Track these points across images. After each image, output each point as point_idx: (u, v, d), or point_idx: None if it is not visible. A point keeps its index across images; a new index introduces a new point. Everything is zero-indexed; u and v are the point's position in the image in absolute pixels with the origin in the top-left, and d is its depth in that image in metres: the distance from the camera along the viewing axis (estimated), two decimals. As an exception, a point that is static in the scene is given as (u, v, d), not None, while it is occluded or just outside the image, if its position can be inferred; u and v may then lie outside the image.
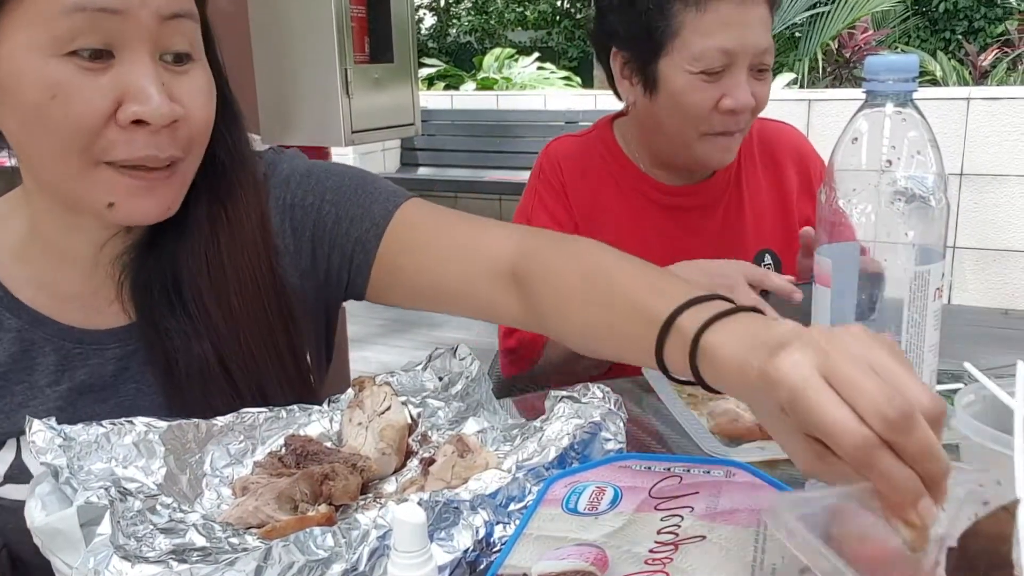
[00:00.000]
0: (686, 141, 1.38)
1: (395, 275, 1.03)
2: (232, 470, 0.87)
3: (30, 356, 0.91)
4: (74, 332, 0.93)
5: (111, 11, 0.78)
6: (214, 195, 0.96)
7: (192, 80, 0.86)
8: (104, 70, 0.80)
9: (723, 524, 0.67)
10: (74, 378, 0.93)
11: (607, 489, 0.74)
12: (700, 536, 0.66)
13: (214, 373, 0.94)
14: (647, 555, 0.64)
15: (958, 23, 10.58)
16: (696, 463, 0.78)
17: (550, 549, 0.66)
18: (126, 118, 0.80)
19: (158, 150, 0.83)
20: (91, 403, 0.93)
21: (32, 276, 0.93)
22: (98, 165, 0.82)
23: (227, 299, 0.95)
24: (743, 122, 1.35)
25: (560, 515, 0.71)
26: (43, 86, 0.78)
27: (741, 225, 1.48)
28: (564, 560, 0.64)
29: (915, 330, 0.79)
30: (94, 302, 0.95)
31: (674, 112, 1.38)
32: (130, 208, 0.85)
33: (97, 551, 0.63)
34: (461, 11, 14.14)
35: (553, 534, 0.68)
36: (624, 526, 0.68)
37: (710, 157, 1.38)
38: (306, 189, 1.04)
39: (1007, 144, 4.38)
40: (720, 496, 0.71)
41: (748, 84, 1.32)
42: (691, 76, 1.33)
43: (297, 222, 1.03)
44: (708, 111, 1.33)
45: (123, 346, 0.95)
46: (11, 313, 0.91)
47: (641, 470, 0.77)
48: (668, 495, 0.72)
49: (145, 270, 0.95)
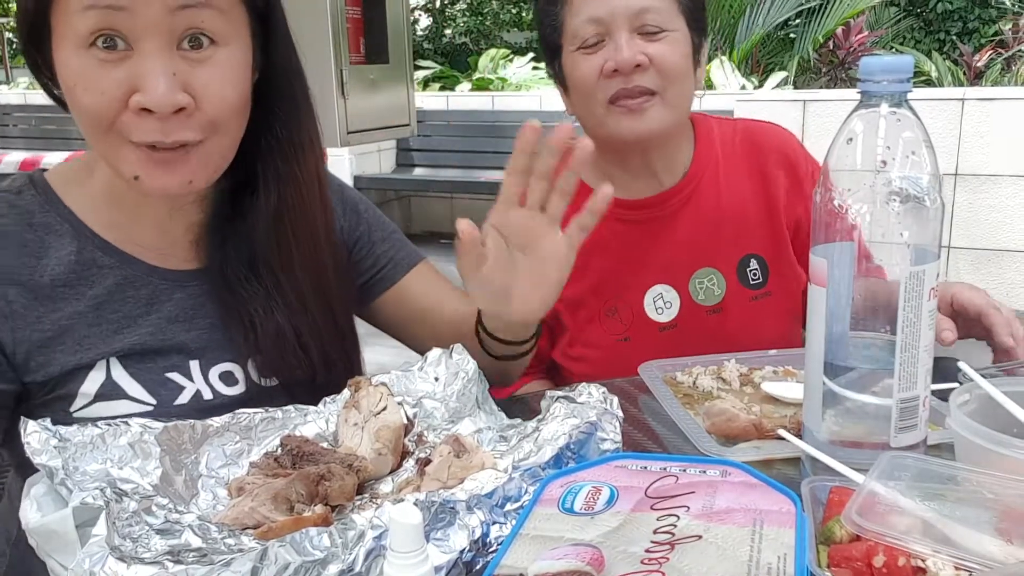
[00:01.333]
0: (597, 120, 1.37)
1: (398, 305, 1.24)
2: (228, 471, 0.87)
3: (123, 290, 1.02)
4: (159, 271, 1.05)
5: (117, 7, 0.86)
6: (279, 176, 1.06)
7: (213, 67, 0.92)
8: (120, 61, 0.88)
9: (719, 523, 0.67)
10: (162, 310, 1.04)
11: (603, 489, 0.74)
12: (696, 536, 0.66)
13: (283, 334, 1.05)
14: (643, 555, 0.64)
15: (952, 24, 10.60)
16: (692, 463, 0.78)
17: (546, 549, 0.66)
18: (134, 106, 0.89)
19: (164, 135, 0.91)
20: (178, 331, 1.04)
21: (116, 222, 1.04)
22: (125, 142, 0.92)
23: (292, 274, 1.08)
24: (641, 81, 1.32)
25: (556, 515, 0.71)
26: (71, 75, 0.90)
27: (718, 230, 1.45)
28: (560, 560, 0.64)
29: (910, 330, 0.80)
30: (172, 251, 1.07)
31: (576, 96, 1.40)
32: (151, 181, 0.94)
33: (93, 552, 0.63)
34: (456, 12, 14.15)
35: (549, 534, 0.68)
36: (620, 526, 0.69)
37: (620, 127, 1.35)
38: (364, 207, 1.26)
39: (1002, 145, 4.39)
40: (716, 496, 0.71)
41: (633, 44, 1.31)
42: (575, 54, 1.36)
43: (352, 224, 1.22)
44: (596, 79, 1.33)
45: (200, 284, 1.07)
46: (104, 253, 1.02)
47: (637, 470, 0.77)
48: (664, 495, 0.72)
49: (219, 237, 1.07)
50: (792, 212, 1.47)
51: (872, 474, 0.74)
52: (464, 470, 0.81)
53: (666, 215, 1.45)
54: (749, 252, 1.46)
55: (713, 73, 6.91)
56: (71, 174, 1.06)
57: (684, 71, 1.35)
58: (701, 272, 1.44)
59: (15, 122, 7.83)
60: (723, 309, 1.44)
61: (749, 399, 1.11)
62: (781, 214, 1.46)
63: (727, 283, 1.44)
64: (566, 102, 1.46)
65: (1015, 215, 4.47)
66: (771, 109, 4.79)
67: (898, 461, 0.76)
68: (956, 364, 1.02)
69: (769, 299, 1.45)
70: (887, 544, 0.66)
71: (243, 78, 0.96)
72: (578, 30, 1.34)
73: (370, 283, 1.24)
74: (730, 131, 1.51)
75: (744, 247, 1.45)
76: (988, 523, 0.69)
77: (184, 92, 0.90)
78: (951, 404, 0.84)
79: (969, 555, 0.64)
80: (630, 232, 1.45)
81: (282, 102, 1.05)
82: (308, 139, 1.08)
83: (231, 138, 0.98)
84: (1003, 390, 0.86)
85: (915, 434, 0.83)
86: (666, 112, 1.35)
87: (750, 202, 1.46)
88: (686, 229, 1.44)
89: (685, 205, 1.45)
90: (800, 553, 0.63)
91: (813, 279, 0.85)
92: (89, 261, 1.01)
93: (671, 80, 1.33)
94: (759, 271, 1.46)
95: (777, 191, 1.46)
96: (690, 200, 1.45)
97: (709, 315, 1.44)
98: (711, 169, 1.46)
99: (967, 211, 4.53)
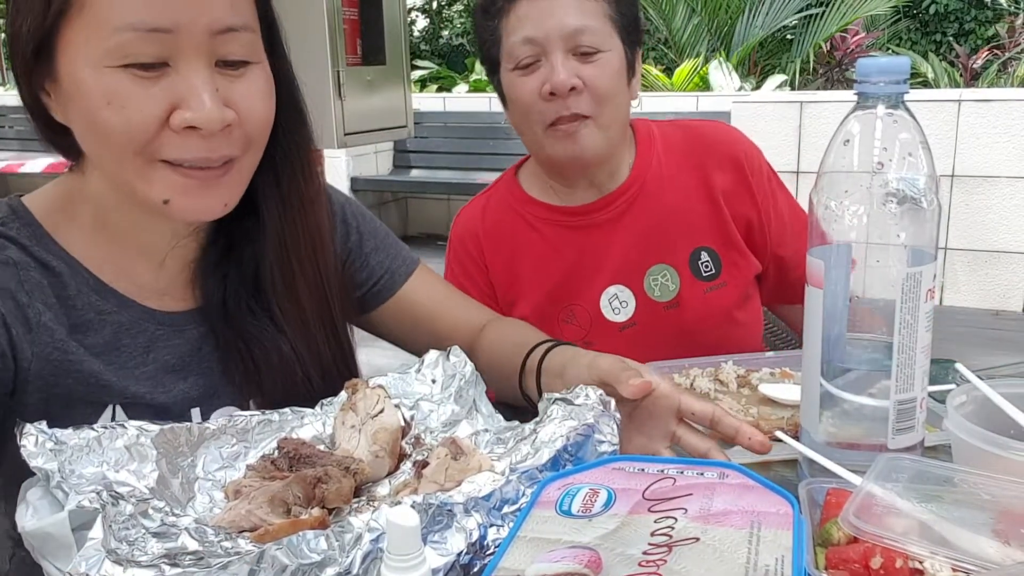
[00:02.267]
0: (537, 141, 1.39)
1: (398, 314, 1.22)
2: (224, 473, 0.87)
3: (119, 338, 0.96)
4: (156, 315, 0.99)
5: (163, 30, 0.83)
6: (282, 197, 1.03)
7: (248, 83, 0.90)
8: (158, 78, 0.84)
9: (716, 526, 0.67)
10: (160, 359, 0.99)
11: (601, 491, 0.74)
12: (694, 538, 0.66)
13: (290, 366, 1.02)
14: (641, 557, 0.64)
15: (949, 25, 10.63)
16: (689, 465, 0.78)
17: (544, 551, 0.66)
18: (179, 124, 0.85)
19: (210, 151, 0.88)
20: (176, 380, 0.99)
21: (110, 258, 0.98)
22: (155, 163, 0.87)
23: (297, 299, 1.04)
24: (576, 106, 1.32)
25: (554, 517, 0.71)
26: (99, 94, 0.83)
27: (667, 227, 1.46)
28: (558, 563, 0.64)
29: (907, 331, 0.80)
30: (169, 289, 1.01)
31: (516, 115, 1.41)
32: (185, 205, 0.90)
33: (89, 555, 0.62)
34: (453, 13, 14.15)
35: (547, 536, 0.68)
36: (618, 528, 0.68)
37: (558, 151, 1.36)
38: (352, 213, 1.20)
39: (998, 146, 4.40)
40: (714, 498, 0.71)
41: (569, 67, 1.32)
42: (512, 74, 1.37)
43: (343, 235, 1.17)
44: (534, 100, 1.34)
45: (199, 326, 1.02)
46: (100, 297, 0.96)
47: (635, 472, 0.77)
48: (662, 497, 0.72)
49: (219, 271, 1.02)
50: (739, 209, 1.47)
51: (869, 476, 0.74)
52: (461, 472, 0.81)
53: (613, 217, 1.47)
54: (699, 245, 1.47)
55: (711, 74, 6.92)
56: (55, 204, 0.98)
57: (617, 91, 1.37)
58: (654, 269, 1.46)
59: (11, 124, 7.82)
60: (679, 303, 1.45)
61: (746, 401, 1.11)
62: (723, 206, 1.46)
63: (680, 278, 1.46)
64: (507, 114, 1.47)
65: (1011, 216, 4.47)
66: (768, 111, 4.79)
67: (895, 463, 0.76)
68: (953, 366, 1.02)
69: (724, 289, 1.47)
70: (884, 546, 0.66)
71: (273, 91, 0.95)
72: (514, 50, 1.35)
73: (367, 296, 1.21)
74: (671, 129, 1.53)
75: (693, 240, 1.47)
76: (985, 525, 0.69)
77: (228, 108, 0.88)
78: (948, 406, 0.84)
79: (966, 556, 0.64)
80: (578, 237, 1.47)
81: (285, 116, 1.00)
82: (308, 156, 1.05)
83: (259, 155, 0.96)
84: (1000, 392, 0.87)
85: (912, 436, 0.83)
86: (599, 134, 1.36)
87: (694, 196, 1.47)
88: (634, 229, 1.46)
89: (631, 206, 1.47)
90: (797, 555, 0.63)
91: (810, 281, 0.85)
92: (87, 306, 0.95)
93: (604, 103, 1.35)
94: (711, 263, 1.47)
95: (715, 184, 1.47)
96: (635, 200, 1.47)
97: (666, 311, 1.45)
98: (654, 168, 1.48)
99: (964, 212, 4.54)
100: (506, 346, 1.14)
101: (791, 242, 1.50)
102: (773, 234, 1.49)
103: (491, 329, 1.21)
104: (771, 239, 1.49)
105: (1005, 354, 3.74)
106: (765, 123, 4.75)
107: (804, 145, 4.68)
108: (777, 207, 1.50)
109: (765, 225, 1.48)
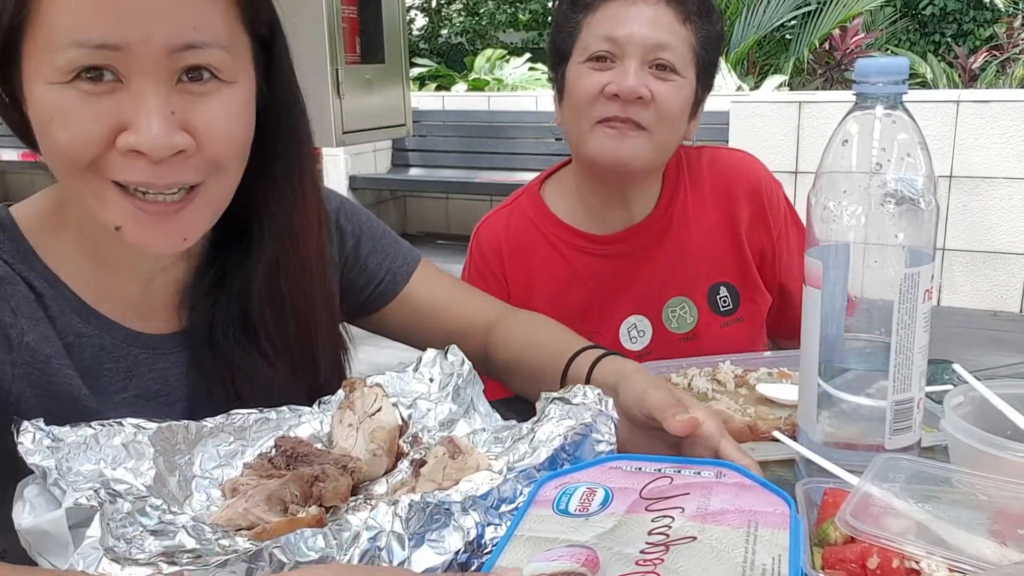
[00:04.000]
0: (581, 136, 1.37)
1: (404, 314, 1.19)
2: (222, 471, 0.87)
3: (100, 362, 0.92)
4: (140, 338, 0.95)
5: (111, 47, 0.76)
6: (277, 224, 0.97)
7: (216, 104, 0.82)
8: (108, 94, 0.78)
9: (714, 525, 0.67)
10: (141, 384, 0.95)
11: (598, 490, 0.74)
12: (691, 537, 0.66)
13: (276, 396, 0.96)
14: (638, 556, 0.64)
15: (947, 26, 10.63)
16: (687, 464, 0.78)
17: (541, 550, 0.66)
18: (123, 147, 0.79)
19: (157, 178, 0.81)
20: (160, 407, 0.95)
21: (93, 277, 0.93)
22: (106, 183, 0.81)
23: (286, 330, 0.99)
24: (636, 115, 1.32)
25: (551, 516, 0.71)
26: (44, 110, 0.79)
27: (689, 260, 1.47)
28: (555, 561, 0.64)
29: (905, 332, 0.80)
30: (154, 311, 0.97)
31: (569, 108, 1.39)
32: (137, 235, 0.84)
33: (86, 553, 0.62)
34: (452, 12, 14.14)
35: (544, 535, 0.68)
36: (615, 527, 0.68)
37: (601, 147, 1.34)
38: (347, 216, 1.15)
39: (996, 147, 4.40)
40: (711, 497, 0.71)
41: (642, 76, 1.31)
42: (581, 66, 1.36)
43: (339, 241, 1.14)
44: (594, 95, 1.33)
45: (183, 350, 0.97)
46: (81, 319, 0.92)
47: (632, 471, 0.77)
48: (659, 496, 0.72)
49: (209, 297, 0.97)
50: (756, 242, 1.48)
51: (867, 476, 0.74)
52: (459, 471, 0.81)
53: (639, 248, 1.47)
54: (718, 280, 1.48)
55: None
56: (43, 218, 0.93)
57: (680, 116, 1.36)
58: (673, 301, 1.46)
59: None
60: (696, 336, 1.46)
61: (744, 401, 1.11)
62: (744, 242, 1.47)
63: (699, 311, 1.47)
64: (557, 110, 1.46)
65: (1009, 217, 4.48)
66: (767, 111, 4.79)
67: (892, 463, 0.76)
68: (951, 366, 1.02)
69: (740, 324, 1.48)
70: (881, 546, 0.66)
71: (249, 113, 0.87)
72: (591, 43, 1.34)
73: (370, 299, 1.18)
74: (696, 159, 1.52)
75: (714, 275, 1.48)
76: (981, 525, 0.69)
77: (183, 132, 0.80)
78: (945, 406, 0.84)
79: (963, 557, 0.64)
80: (604, 266, 1.46)
81: (282, 138, 0.95)
82: (310, 180, 0.99)
83: (233, 179, 0.88)
84: (997, 392, 0.87)
85: (909, 436, 0.83)
86: (648, 149, 1.35)
87: (717, 231, 1.48)
88: (658, 261, 1.46)
89: (657, 238, 1.47)
90: (794, 554, 0.63)
91: (808, 281, 0.85)
92: (67, 328, 0.90)
93: (665, 122, 1.34)
94: (729, 298, 1.48)
95: (740, 219, 1.47)
96: (662, 233, 1.47)
97: (682, 342, 1.46)
98: (680, 200, 1.48)
99: (962, 213, 4.54)
100: (540, 347, 1.11)
101: (798, 276, 1.51)
102: (782, 267, 1.50)
103: (511, 324, 1.18)
104: (780, 271, 1.51)
105: (1003, 355, 3.74)
106: (764, 123, 4.75)
107: (803, 145, 4.68)
108: (789, 242, 1.51)
109: (776, 257, 1.50)
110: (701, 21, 1.35)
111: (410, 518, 0.69)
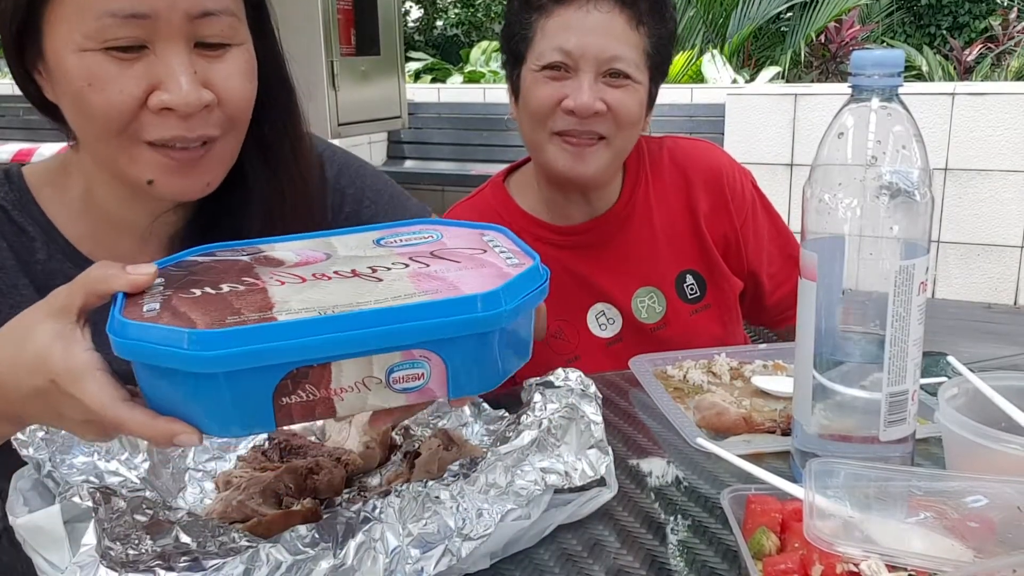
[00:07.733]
0: (539, 143, 1.38)
1: None
2: (215, 464, 0.87)
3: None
4: None
5: (140, 16, 0.84)
6: (271, 173, 1.02)
7: (228, 64, 0.91)
8: (137, 59, 0.86)
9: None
10: None
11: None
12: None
13: None
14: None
15: (943, 18, 10.63)
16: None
17: None
18: (157, 105, 0.86)
19: (188, 131, 0.88)
20: None
21: (91, 232, 0.99)
22: (139, 144, 0.88)
23: None
24: (594, 127, 1.33)
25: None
26: (80, 75, 0.85)
27: (653, 249, 1.47)
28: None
29: (900, 324, 0.80)
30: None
31: (525, 113, 1.39)
32: (168, 184, 0.91)
33: (83, 562, 0.62)
34: (448, 4, 14.10)
35: None
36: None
37: (557, 160, 1.36)
38: (349, 178, 1.17)
39: (991, 139, 4.40)
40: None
41: (596, 90, 1.31)
42: (536, 74, 1.36)
43: (336, 204, 1.15)
44: (550, 108, 1.34)
45: None
46: (73, 264, 0.96)
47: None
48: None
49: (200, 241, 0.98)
50: (717, 229, 1.48)
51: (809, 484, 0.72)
52: (453, 462, 0.81)
53: (602, 239, 1.47)
54: (684, 268, 1.48)
55: (704, 67, 6.90)
56: (49, 175, 1.01)
57: (637, 119, 1.37)
58: (641, 291, 1.46)
59: (3, 112, 7.78)
60: (666, 325, 1.46)
61: (739, 393, 1.11)
62: (704, 230, 1.47)
63: (667, 300, 1.47)
64: (512, 107, 1.46)
65: (1004, 209, 4.49)
66: (762, 103, 4.79)
67: (826, 467, 0.75)
68: (945, 358, 1.02)
69: (709, 311, 1.48)
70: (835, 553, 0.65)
71: (255, 69, 0.95)
72: (545, 53, 1.34)
73: None
74: (657, 150, 1.52)
75: (679, 264, 1.48)
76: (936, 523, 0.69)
77: (206, 89, 0.88)
78: (940, 398, 0.84)
79: (926, 557, 0.64)
80: (568, 257, 1.46)
81: (270, 93, 1.01)
82: (299, 132, 1.05)
83: (242, 135, 0.96)
84: (992, 384, 0.87)
85: (904, 428, 0.83)
86: (608, 157, 1.36)
87: (679, 220, 1.48)
88: (623, 251, 1.46)
89: (620, 229, 1.47)
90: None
91: (804, 273, 0.85)
92: (56, 271, 0.95)
93: (624, 128, 1.35)
94: (696, 285, 1.48)
95: (699, 208, 1.48)
96: (624, 224, 1.47)
97: (653, 332, 1.46)
98: (642, 191, 1.48)
99: (957, 206, 4.54)
100: None
101: (767, 266, 1.51)
102: (750, 253, 1.50)
103: None
104: (748, 257, 1.50)
105: (997, 347, 3.75)
106: (759, 115, 4.75)
107: (798, 138, 4.68)
108: (757, 228, 1.51)
109: (743, 243, 1.50)
110: (654, 22, 1.35)
111: (404, 508, 0.69)
